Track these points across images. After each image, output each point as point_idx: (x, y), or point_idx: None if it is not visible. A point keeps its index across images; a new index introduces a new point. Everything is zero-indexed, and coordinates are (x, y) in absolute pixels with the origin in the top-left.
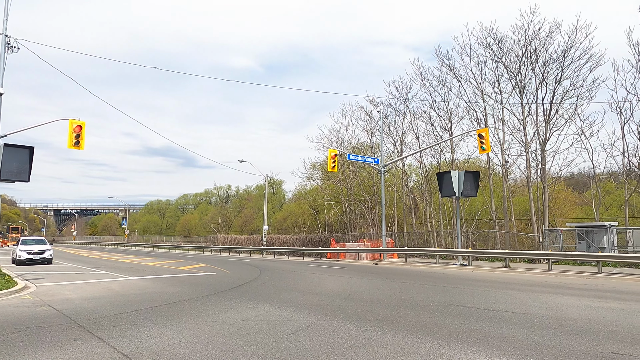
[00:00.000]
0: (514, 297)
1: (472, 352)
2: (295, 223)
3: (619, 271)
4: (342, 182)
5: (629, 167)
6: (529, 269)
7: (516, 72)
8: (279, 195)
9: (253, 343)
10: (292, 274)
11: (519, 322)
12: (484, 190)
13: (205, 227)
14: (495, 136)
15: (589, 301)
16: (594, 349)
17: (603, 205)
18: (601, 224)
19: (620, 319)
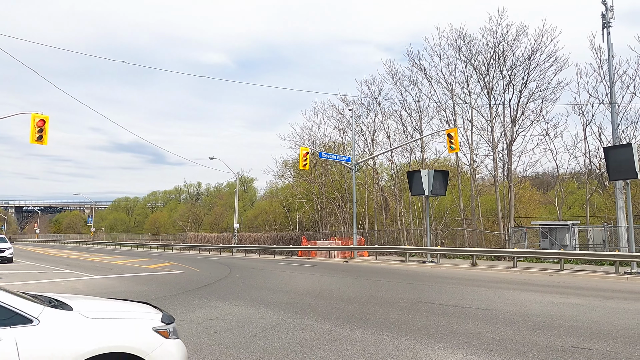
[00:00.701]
0: (480, 293)
1: (439, 347)
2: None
3: (580, 268)
4: (313, 180)
5: (590, 167)
6: (495, 266)
7: (484, 74)
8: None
9: (221, 342)
10: (263, 272)
11: (485, 318)
12: (453, 189)
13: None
14: (464, 136)
15: (551, 297)
16: (555, 343)
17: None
18: (564, 222)
19: (580, 314)
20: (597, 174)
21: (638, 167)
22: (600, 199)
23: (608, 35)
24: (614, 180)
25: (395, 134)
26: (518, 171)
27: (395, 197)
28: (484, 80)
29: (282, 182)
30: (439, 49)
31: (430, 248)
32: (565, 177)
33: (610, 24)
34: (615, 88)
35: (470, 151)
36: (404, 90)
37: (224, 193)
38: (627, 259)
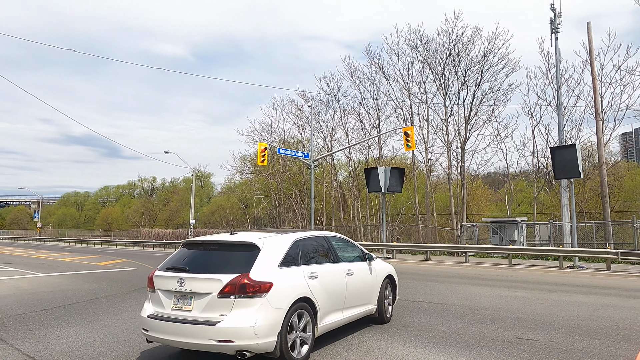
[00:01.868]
0: (433, 288)
1: (391, 341)
2: (223, 217)
3: (527, 263)
4: (272, 176)
5: (538, 167)
6: (448, 261)
7: (440, 74)
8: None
9: None
10: None
11: (437, 312)
12: (409, 187)
13: (127, 221)
14: (420, 134)
15: (499, 291)
16: (501, 335)
17: (515, 201)
18: (512, 219)
19: (525, 307)
20: (544, 173)
21: (581, 167)
22: (547, 196)
23: (556, 40)
24: (560, 179)
25: (354, 131)
26: (471, 169)
27: (353, 194)
28: (439, 80)
29: (240, 177)
30: (397, 48)
31: (386, 244)
32: (515, 176)
33: (558, 29)
34: (561, 91)
35: (426, 149)
36: (363, 88)
37: (180, 188)
38: (570, 254)
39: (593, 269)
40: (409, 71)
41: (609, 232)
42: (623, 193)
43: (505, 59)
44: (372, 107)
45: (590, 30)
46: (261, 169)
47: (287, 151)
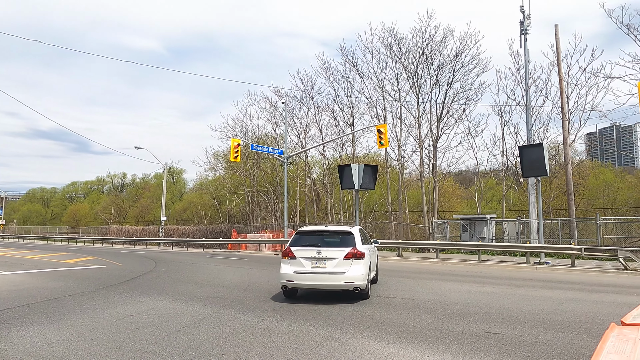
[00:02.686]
0: (404, 284)
1: (363, 336)
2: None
3: (496, 259)
4: (245, 173)
5: (507, 165)
6: (419, 257)
7: (413, 73)
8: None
9: (143, 338)
10: (190, 265)
11: (408, 307)
12: (382, 184)
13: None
14: (393, 132)
15: (469, 286)
16: (470, 329)
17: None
18: (482, 216)
19: (493, 302)
20: (512, 171)
21: (548, 166)
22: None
23: (525, 41)
24: (527, 177)
25: (328, 128)
26: (442, 167)
27: (326, 191)
28: (412, 78)
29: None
30: (371, 46)
31: None
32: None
33: (527, 31)
34: (530, 91)
35: (399, 147)
36: (337, 85)
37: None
38: (536, 250)
39: (558, 264)
40: (382, 69)
41: (573, 229)
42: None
43: (477, 59)
44: (346, 105)
45: (557, 33)
46: (234, 166)
47: (261, 148)
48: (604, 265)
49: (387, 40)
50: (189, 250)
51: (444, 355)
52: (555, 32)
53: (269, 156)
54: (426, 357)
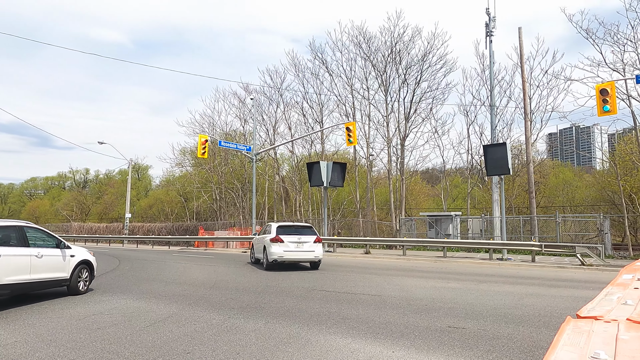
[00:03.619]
0: (371, 280)
1: (329, 333)
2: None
3: (460, 255)
4: (213, 169)
5: (472, 164)
6: (387, 254)
7: (382, 71)
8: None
9: (105, 338)
10: (155, 263)
11: (374, 304)
12: (350, 181)
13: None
14: (362, 130)
15: (434, 282)
16: (434, 324)
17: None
18: (448, 213)
19: (457, 297)
20: (477, 169)
21: (511, 164)
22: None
23: (490, 43)
24: (491, 175)
25: (297, 125)
26: (410, 165)
27: (295, 188)
28: (381, 77)
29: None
30: (340, 44)
31: (327, 238)
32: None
33: (492, 33)
34: (494, 92)
35: (367, 145)
36: (306, 82)
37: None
38: (499, 246)
39: (520, 260)
40: (351, 67)
41: (534, 226)
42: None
43: (444, 59)
44: (315, 102)
45: (521, 35)
46: (202, 162)
47: (229, 144)
48: (563, 261)
49: (357, 39)
50: (155, 248)
51: (408, 350)
52: (518, 35)
53: (237, 153)
54: (391, 352)
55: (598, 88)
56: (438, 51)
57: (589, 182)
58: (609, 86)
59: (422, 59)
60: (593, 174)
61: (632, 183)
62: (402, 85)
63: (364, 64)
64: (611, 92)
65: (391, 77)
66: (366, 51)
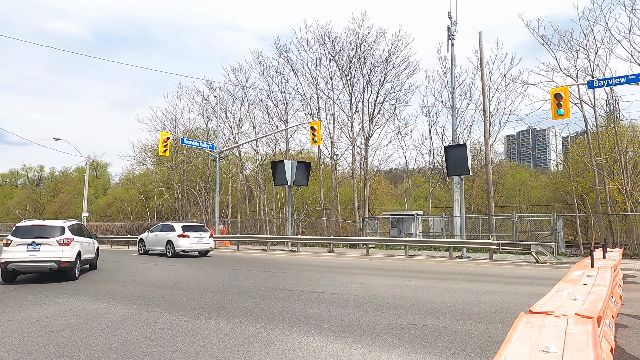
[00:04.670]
0: (334, 279)
1: (292, 332)
2: (121, 210)
3: (422, 254)
4: (175, 168)
5: (434, 164)
6: (350, 253)
7: (347, 72)
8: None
9: (59, 341)
10: (114, 264)
11: (337, 302)
12: (315, 181)
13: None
14: (326, 130)
15: (396, 280)
16: (395, 321)
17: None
18: (410, 213)
19: (418, 295)
20: (439, 170)
21: (470, 165)
22: (441, 192)
23: (452, 46)
24: (452, 175)
25: (261, 123)
26: (374, 165)
27: (259, 187)
28: (346, 77)
29: (141, 168)
30: (305, 43)
31: (291, 237)
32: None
33: (454, 36)
34: (455, 94)
35: (332, 144)
36: (271, 81)
37: (72, 178)
38: (459, 245)
39: (478, 258)
40: (317, 67)
41: (492, 225)
42: (505, 190)
43: (407, 61)
44: (280, 101)
45: (481, 40)
46: (163, 160)
47: (192, 142)
48: (519, 259)
49: (322, 38)
50: (113, 247)
51: (370, 348)
52: (479, 39)
53: (200, 151)
54: (353, 350)
55: (553, 92)
56: (402, 53)
57: (544, 183)
58: (562, 91)
59: (386, 60)
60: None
61: (583, 184)
62: (366, 85)
63: (329, 64)
64: (565, 97)
65: (356, 77)
66: (331, 51)
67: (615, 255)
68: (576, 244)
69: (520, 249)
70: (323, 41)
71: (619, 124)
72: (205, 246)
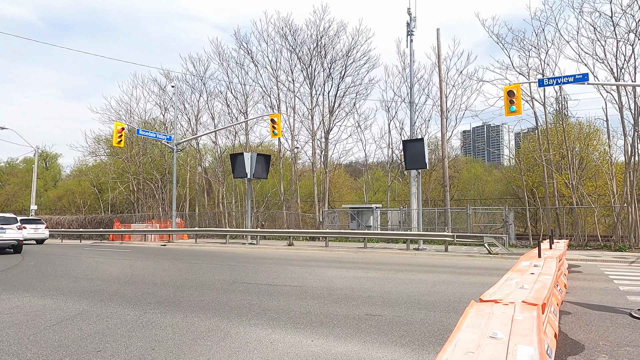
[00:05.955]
0: (293, 272)
1: (250, 325)
2: (72, 202)
3: (380, 246)
4: (130, 159)
5: (392, 158)
6: (310, 246)
7: (307, 65)
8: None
9: (4, 339)
10: (65, 258)
11: (295, 294)
12: (275, 174)
13: None
14: (286, 122)
15: (354, 272)
16: (353, 312)
17: (372, 189)
18: (369, 206)
19: (375, 286)
20: (397, 163)
21: (428, 159)
22: (399, 185)
23: (411, 42)
24: (410, 169)
25: (220, 115)
26: (334, 158)
27: (218, 180)
28: (307, 70)
29: (94, 159)
30: (266, 34)
31: (250, 230)
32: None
33: (413, 32)
34: (414, 89)
35: (292, 137)
36: (231, 72)
37: (20, 170)
38: (415, 237)
39: (434, 250)
40: (277, 59)
41: (448, 218)
42: (461, 183)
43: (367, 56)
44: (239, 92)
45: (439, 36)
46: (118, 151)
47: (148, 133)
48: (472, 250)
49: (283, 30)
50: (64, 242)
51: (327, 339)
52: (437, 36)
53: (157, 142)
54: (310, 341)
55: (506, 90)
56: (362, 47)
57: (497, 177)
58: (515, 88)
59: (346, 54)
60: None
61: (533, 178)
62: (327, 79)
63: (290, 56)
64: (517, 94)
65: (316, 70)
66: (292, 43)
67: (561, 246)
68: (526, 236)
69: (474, 240)
70: (284, 33)
71: (567, 122)
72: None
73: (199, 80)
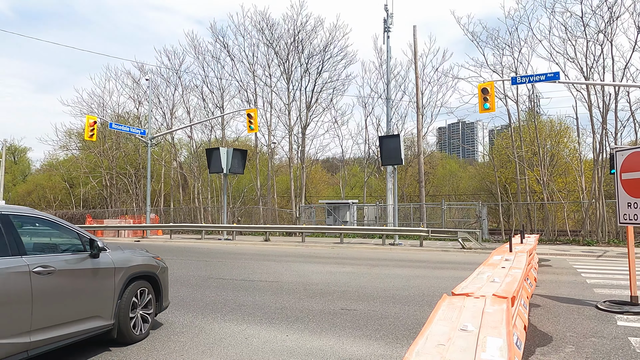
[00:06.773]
0: (269, 267)
1: (224, 320)
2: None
3: (356, 241)
4: (103, 154)
5: (369, 154)
6: (286, 241)
7: (285, 59)
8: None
9: None
10: None
11: (271, 290)
12: (252, 169)
13: None
14: (263, 117)
15: (330, 267)
16: (328, 307)
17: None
18: (345, 201)
19: (351, 281)
20: (374, 159)
21: (404, 155)
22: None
23: (388, 39)
24: (386, 165)
25: (196, 109)
26: (311, 154)
27: (194, 175)
28: (284, 65)
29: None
30: (242, 28)
31: (226, 225)
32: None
33: (390, 29)
34: (390, 86)
35: (269, 132)
36: (207, 65)
37: None
38: (391, 232)
39: (409, 245)
40: (254, 53)
41: (423, 213)
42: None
43: (344, 51)
44: (215, 87)
45: (415, 33)
46: (90, 145)
47: (121, 127)
48: (447, 245)
49: (259, 24)
50: None
51: (302, 334)
52: (413, 33)
53: (130, 136)
54: (285, 337)
55: (480, 87)
56: (339, 43)
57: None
58: (489, 86)
59: (323, 50)
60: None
61: (506, 174)
62: (304, 74)
63: (267, 51)
64: (491, 92)
65: (293, 65)
66: (269, 38)
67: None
68: (499, 231)
69: (448, 235)
70: (261, 27)
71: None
72: None
73: (174, 73)
